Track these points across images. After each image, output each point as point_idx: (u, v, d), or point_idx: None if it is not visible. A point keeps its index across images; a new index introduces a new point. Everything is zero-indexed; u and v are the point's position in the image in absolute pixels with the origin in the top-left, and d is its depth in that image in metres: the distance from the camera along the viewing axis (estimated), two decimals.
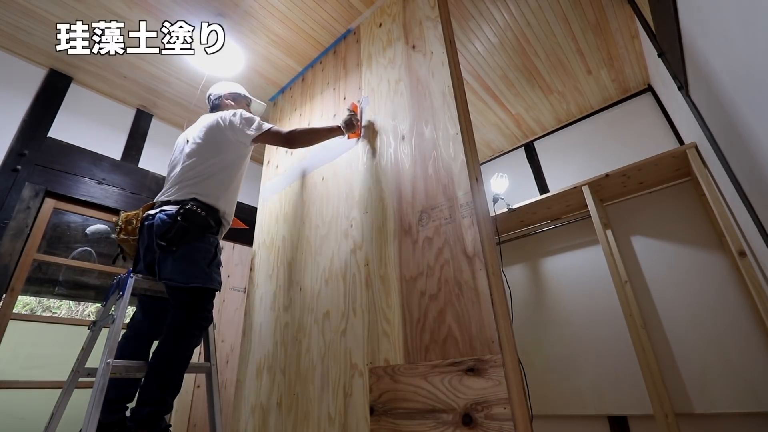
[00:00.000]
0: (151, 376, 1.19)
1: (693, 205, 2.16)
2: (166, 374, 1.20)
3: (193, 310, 1.31)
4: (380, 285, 1.31)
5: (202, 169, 1.48)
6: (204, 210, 1.39)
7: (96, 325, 1.42)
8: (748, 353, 1.82)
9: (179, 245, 1.32)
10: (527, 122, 3.05)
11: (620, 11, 2.12)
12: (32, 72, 2.31)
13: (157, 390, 1.16)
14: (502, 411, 0.88)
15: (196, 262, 1.34)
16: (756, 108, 1.01)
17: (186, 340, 1.28)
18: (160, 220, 1.36)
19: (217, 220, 1.45)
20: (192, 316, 1.30)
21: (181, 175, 1.49)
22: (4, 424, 2.22)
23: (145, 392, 1.16)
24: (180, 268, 1.30)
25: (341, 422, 1.23)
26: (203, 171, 1.48)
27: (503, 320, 0.99)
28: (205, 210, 1.40)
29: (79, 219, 2.86)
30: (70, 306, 5.18)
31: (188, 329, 1.29)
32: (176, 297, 1.31)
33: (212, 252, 1.40)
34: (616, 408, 2.11)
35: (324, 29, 2.18)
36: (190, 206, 1.36)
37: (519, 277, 2.78)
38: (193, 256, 1.34)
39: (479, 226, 1.10)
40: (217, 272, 1.41)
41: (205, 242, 1.39)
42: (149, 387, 1.16)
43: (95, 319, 1.44)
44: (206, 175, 1.48)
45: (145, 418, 1.11)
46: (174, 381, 1.21)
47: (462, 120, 1.29)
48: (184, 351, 1.27)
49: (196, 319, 1.31)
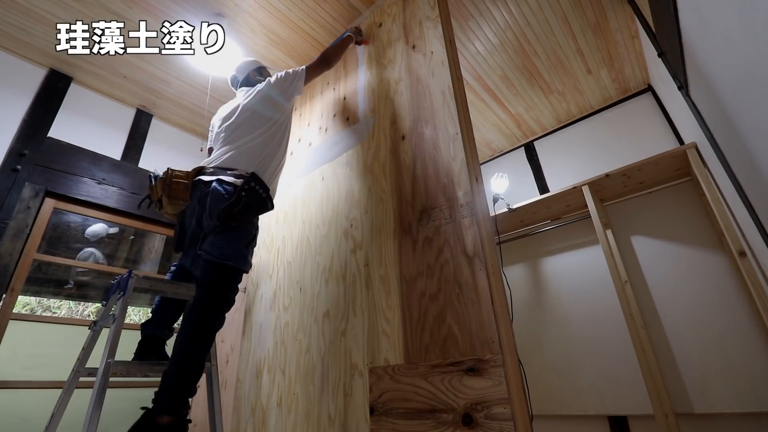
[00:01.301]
0: (172, 362, 1.16)
1: (693, 205, 2.16)
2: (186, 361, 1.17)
3: (218, 291, 1.25)
4: (380, 285, 1.31)
5: (258, 140, 1.47)
6: (263, 188, 1.36)
7: (96, 325, 1.42)
8: (748, 353, 1.82)
9: (239, 221, 1.28)
10: (527, 122, 3.05)
11: (620, 11, 2.12)
12: (32, 72, 2.31)
13: (177, 378, 1.13)
14: (502, 411, 0.88)
15: (237, 241, 1.30)
16: (756, 108, 1.01)
17: (208, 323, 1.23)
18: (221, 191, 1.30)
19: (270, 198, 1.42)
20: (215, 298, 1.25)
21: (235, 145, 1.45)
22: (4, 424, 2.22)
23: (166, 379, 1.14)
24: (219, 243, 1.27)
25: (341, 422, 1.23)
26: (260, 143, 1.46)
27: (503, 320, 0.99)
28: (263, 188, 1.36)
29: (79, 219, 2.86)
30: (70, 306, 5.18)
31: (211, 312, 1.24)
32: (205, 270, 1.26)
33: (253, 234, 1.37)
34: (616, 408, 2.11)
35: (324, 29, 2.18)
36: (253, 184, 1.32)
37: (519, 277, 2.78)
38: (236, 234, 1.30)
39: (479, 226, 1.10)
40: (252, 254, 1.38)
41: (250, 223, 1.36)
42: (170, 374, 1.14)
43: (96, 318, 1.44)
44: (261, 147, 1.46)
45: (166, 405, 1.09)
46: (194, 368, 1.17)
47: (462, 120, 1.29)
48: (207, 335, 1.23)
49: (219, 302, 1.25)
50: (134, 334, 1.54)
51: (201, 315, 1.22)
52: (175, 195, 1.36)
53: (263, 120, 1.54)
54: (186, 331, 1.20)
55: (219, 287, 1.26)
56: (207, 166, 1.42)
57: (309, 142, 2.06)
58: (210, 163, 1.43)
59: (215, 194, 1.29)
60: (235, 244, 1.29)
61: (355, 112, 1.79)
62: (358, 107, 1.79)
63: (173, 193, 1.35)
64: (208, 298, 1.24)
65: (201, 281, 1.27)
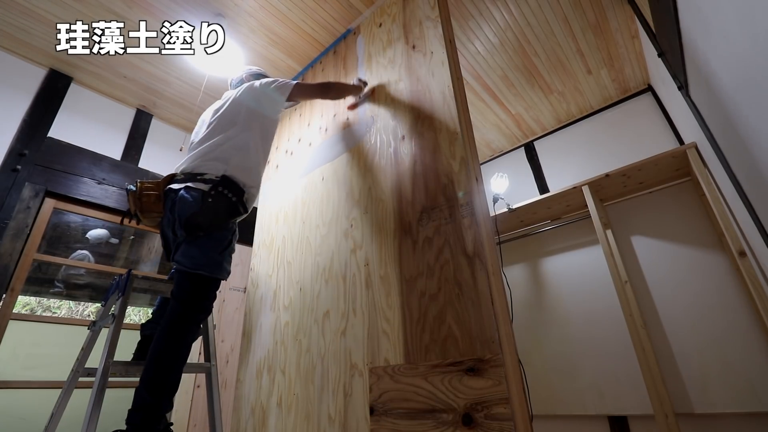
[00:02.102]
0: (144, 378, 1.10)
1: (693, 205, 2.16)
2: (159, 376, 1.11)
3: (193, 302, 1.22)
4: (380, 285, 1.31)
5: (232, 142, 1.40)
6: (234, 192, 1.31)
7: (96, 325, 1.43)
8: (748, 353, 1.82)
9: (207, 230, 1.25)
10: (527, 122, 3.05)
11: (620, 11, 2.12)
12: (32, 72, 2.31)
13: (149, 394, 1.07)
14: (502, 411, 0.87)
15: (211, 248, 1.26)
16: (756, 107, 1.01)
17: (181, 337, 1.18)
18: (188, 198, 1.25)
19: (243, 202, 1.35)
20: (189, 310, 1.20)
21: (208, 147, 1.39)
22: (4, 424, 2.22)
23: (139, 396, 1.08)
24: (191, 252, 1.23)
25: (341, 422, 1.23)
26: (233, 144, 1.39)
27: (503, 320, 0.99)
28: (234, 192, 1.31)
29: (79, 219, 2.87)
30: (70, 306, 5.18)
31: (184, 325, 1.19)
32: (178, 281, 1.24)
33: (228, 239, 1.32)
34: (616, 408, 2.11)
35: (324, 29, 2.18)
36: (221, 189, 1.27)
37: (519, 277, 2.78)
38: (209, 242, 1.26)
39: (479, 226, 1.10)
40: (228, 261, 1.34)
41: (224, 229, 1.31)
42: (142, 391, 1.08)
43: (95, 318, 1.44)
44: (236, 149, 1.39)
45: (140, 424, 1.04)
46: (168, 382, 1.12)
47: (462, 120, 1.29)
48: (179, 349, 1.17)
49: (192, 313, 1.21)
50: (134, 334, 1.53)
51: (175, 327, 1.18)
52: (147, 208, 1.32)
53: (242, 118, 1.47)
54: (159, 343, 1.15)
55: (193, 298, 1.22)
56: (178, 172, 1.37)
57: (309, 142, 2.06)
58: (181, 169, 1.37)
59: (182, 202, 1.25)
60: (209, 252, 1.25)
61: (356, 112, 1.79)
62: (358, 107, 1.79)
63: (144, 206, 1.31)
64: (182, 310, 1.20)
65: (175, 293, 1.23)
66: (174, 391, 1.15)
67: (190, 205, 1.24)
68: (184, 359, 1.18)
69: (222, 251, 1.29)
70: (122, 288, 1.32)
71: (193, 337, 1.24)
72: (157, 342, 1.16)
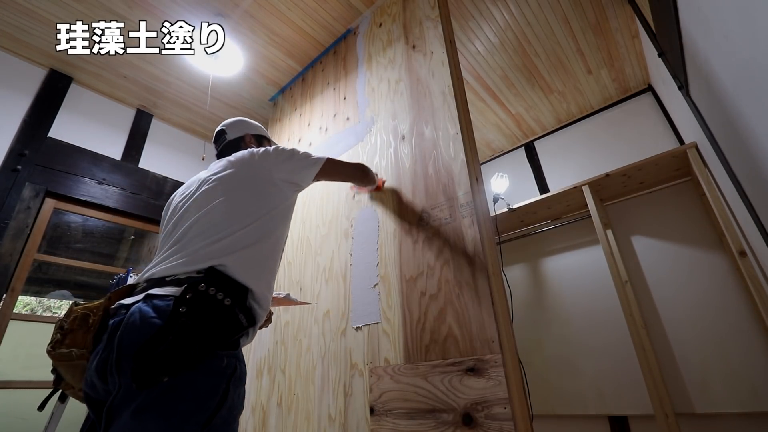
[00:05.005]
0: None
1: (693, 205, 2.16)
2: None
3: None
4: (380, 285, 1.31)
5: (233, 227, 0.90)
6: (228, 293, 0.79)
7: None
8: (748, 353, 1.82)
9: (173, 372, 0.67)
10: (527, 122, 3.05)
11: (620, 11, 2.12)
12: (32, 72, 2.31)
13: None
14: (503, 411, 0.87)
15: (187, 415, 0.67)
16: (756, 107, 1.01)
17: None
18: (140, 315, 0.71)
19: (248, 311, 0.83)
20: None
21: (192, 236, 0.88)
22: (4, 424, 2.22)
23: None
24: (141, 429, 0.64)
25: (341, 422, 1.23)
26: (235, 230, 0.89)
27: (503, 320, 0.99)
28: (229, 292, 0.79)
29: (80, 219, 2.87)
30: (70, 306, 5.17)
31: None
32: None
33: (223, 387, 0.72)
34: (617, 408, 2.11)
35: (324, 29, 2.18)
36: (203, 286, 0.76)
37: (519, 277, 2.78)
38: (177, 402, 0.66)
39: (479, 226, 1.10)
40: (240, 400, 0.78)
41: (214, 366, 0.73)
42: None
43: None
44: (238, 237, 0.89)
45: None
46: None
47: (462, 120, 1.29)
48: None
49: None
50: None
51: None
52: (71, 343, 0.76)
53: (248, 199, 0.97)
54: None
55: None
56: (138, 281, 0.85)
57: (309, 142, 2.06)
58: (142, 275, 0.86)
59: (131, 324, 0.71)
60: (181, 426, 0.65)
61: (356, 112, 1.79)
62: (358, 107, 1.79)
63: (70, 340, 0.76)
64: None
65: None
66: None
67: (144, 326, 0.69)
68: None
69: (211, 415, 0.69)
70: None
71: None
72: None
